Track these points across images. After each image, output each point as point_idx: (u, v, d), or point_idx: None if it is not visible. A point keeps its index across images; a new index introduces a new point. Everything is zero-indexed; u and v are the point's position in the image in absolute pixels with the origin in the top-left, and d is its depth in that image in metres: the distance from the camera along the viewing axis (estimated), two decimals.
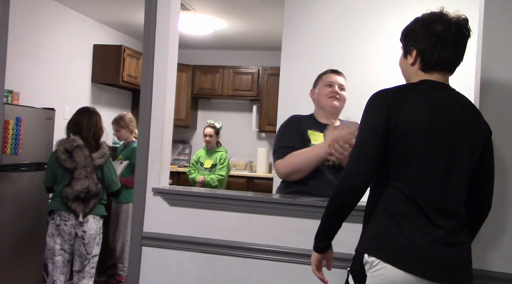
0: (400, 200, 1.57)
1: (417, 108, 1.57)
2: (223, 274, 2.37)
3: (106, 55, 5.54)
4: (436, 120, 1.56)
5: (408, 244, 1.53)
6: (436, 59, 1.61)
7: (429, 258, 1.52)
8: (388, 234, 1.56)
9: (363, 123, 1.62)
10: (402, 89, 1.64)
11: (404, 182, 1.57)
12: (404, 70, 1.73)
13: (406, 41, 1.68)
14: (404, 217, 1.55)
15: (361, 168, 1.57)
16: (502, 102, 2.09)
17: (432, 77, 1.64)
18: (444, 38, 1.60)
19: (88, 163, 3.19)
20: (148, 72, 2.52)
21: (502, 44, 2.10)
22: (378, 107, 1.58)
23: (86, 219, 3.20)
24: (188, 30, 5.44)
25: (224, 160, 5.04)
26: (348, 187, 1.57)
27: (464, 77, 3.42)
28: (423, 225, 1.55)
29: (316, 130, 2.39)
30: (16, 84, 4.14)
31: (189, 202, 2.44)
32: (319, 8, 3.83)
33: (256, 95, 6.45)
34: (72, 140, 3.22)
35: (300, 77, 3.79)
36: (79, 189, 3.14)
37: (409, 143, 1.55)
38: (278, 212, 2.30)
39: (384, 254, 1.54)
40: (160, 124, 2.51)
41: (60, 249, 3.20)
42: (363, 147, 1.59)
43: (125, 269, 4.24)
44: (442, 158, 1.56)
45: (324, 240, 1.69)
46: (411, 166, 1.56)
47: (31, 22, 4.48)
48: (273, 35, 5.53)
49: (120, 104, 6.24)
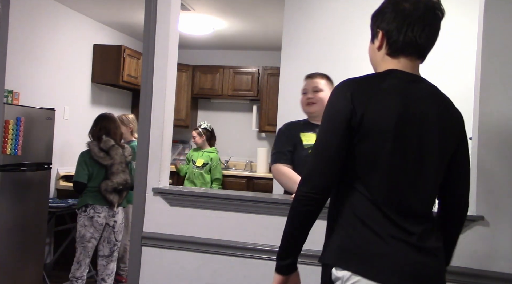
0: (365, 204, 1.38)
1: (384, 104, 1.37)
2: (223, 274, 2.37)
3: (106, 55, 5.54)
4: (404, 119, 1.37)
5: (383, 251, 1.34)
6: (402, 40, 1.42)
7: (405, 265, 1.34)
8: (359, 242, 1.36)
9: (324, 117, 1.44)
10: (369, 80, 1.45)
11: (367, 187, 1.38)
12: (372, 57, 1.54)
13: (371, 24, 1.51)
14: (373, 222, 1.36)
15: (320, 167, 1.38)
16: (502, 102, 2.09)
17: (400, 63, 1.45)
18: (411, 16, 1.40)
19: (122, 159, 3.73)
20: (148, 72, 2.52)
21: (502, 44, 2.10)
22: (342, 100, 1.39)
23: (118, 210, 3.71)
24: (188, 30, 5.44)
25: (216, 163, 5.13)
26: (308, 190, 1.38)
27: (464, 77, 3.44)
28: (394, 230, 1.36)
29: (309, 132, 2.51)
30: (16, 84, 4.14)
31: (189, 202, 2.44)
32: (319, 8, 3.83)
33: (256, 95, 6.45)
34: (108, 141, 3.69)
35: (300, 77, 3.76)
36: (119, 181, 3.64)
37: (373, 143, 1.37)
38: (278, 212, 2.30)
39: (356, 266, 1.34)
40: (160, 124, 2.51)
41: (91, 237, 3.62)
42: (323, 144, 1.41)
43: (126, 269, 4.26)
44: (409, 160, 1.39)
45: (286, 258, 1.45)
46: (375, 169, 1.37)
47: (31, 22, 4.48)
48: (273, 35, 5.53)
49: (120, 104, 6.24)
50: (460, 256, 2.06)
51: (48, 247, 4.74)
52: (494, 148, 2.09)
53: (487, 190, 2.08)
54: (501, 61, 2.10)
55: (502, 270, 2.04)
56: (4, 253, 3.60)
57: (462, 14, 3.53)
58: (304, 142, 2.50)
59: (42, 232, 4.04)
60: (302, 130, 2.54)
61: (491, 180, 2.08)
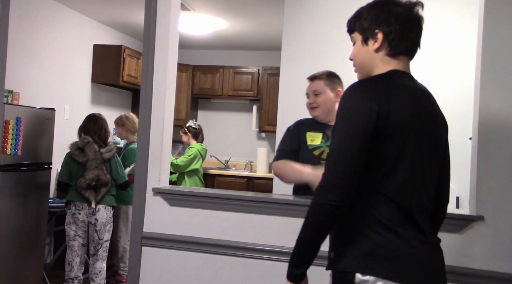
0: (388, 207, 1.38)
1: (401, 103, 1.39)
2: (223, 274, 2.37)
3: (106, 55, 5.53)
4: (418, 117, 1.41)
5: (408, 254, 1.37)
6: (406, 42, 1.46)
7: (428, 265, 1.40)
8: (385, 248, 1.36)
9: (343, 121, 1.39)
10: (380, 80, 1.45)
11: (390, 186, 1.38)
12: (365, 60, 1.51)
13: (364, 26, 1.50)
14: (396, 225, 1.37)
15: (345, 175, 1.34)
16: (502, 102, 2.09)
17: (400, 63, 1.48)
18: (409, 19, 1.46)
19: (97, 156, 3.72)
20: (148, 72, 2.52)
21: (502, 44, 2.10)
22: (365, 102, 1.36)
23: (98, 208, 3.69)
24: (188, 30, 5.44)
25: (190, 154, 5.03)
26: (333, 199, 1.33)
27: (464, 77, 3.44)
28: (414, 231, 1.40)
29: (316, 131, 2.47)
30: (16, 84, 4.14)
31: (189, 202, 2.44)
32: (319, 8, 3.83)
33: (256, 95, 6.45)
34: (83, 138, 3.76)
35: (300, 77, 3.76)
36: (91, 177, 3.65)
37: (396, 143, 1.37)
38: (278, 212, 2.30)
39: (384, 272, 1.34)
40: (160, 124, 2.51)
41: (75, 235, 3.68)
42: (346, 150, 1.35)
43: (126, 269, 4.26)
44: (424, 158, 1.43)
45: (300, 267, 1.43)
46: (399, 167, 1.37)
47: (31, 22, 4.48)
48: (273, 35, 5.53)
49: (120, 104, 6.24)
50: (460, 256, 2.07)
51: (48, 247, 4.74)
52: (494, 148, 2.09)
53: (487, 190, 2.08)
54: (501, 61, 2.10)
55: (502, 270, 2.04)
56: (4, 253, 3.60)
57: (462, 14, 3.53)
58: (308, 142, 2.46)
59: (42, 232, 4.04)
60: (309, 129, 2.50)
61: (491, 180, 2.08)
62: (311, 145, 2.45)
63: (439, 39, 3.55)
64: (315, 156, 2.43)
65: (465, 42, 3.49)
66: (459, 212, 2.35)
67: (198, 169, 5.16)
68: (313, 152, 2.44)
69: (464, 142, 2.75)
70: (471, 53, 2.46)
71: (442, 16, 3.59)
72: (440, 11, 3.58)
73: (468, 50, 3.28)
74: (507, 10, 2.10)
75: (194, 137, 5.27)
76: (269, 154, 6.14)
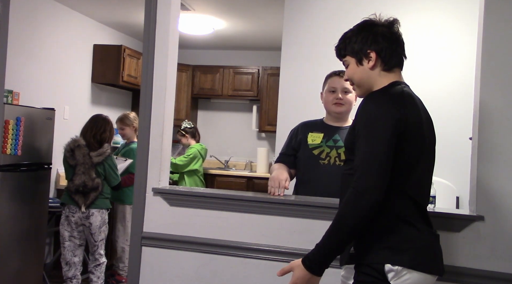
0: (408, 203, 1.58)
1: (414, 108, 1.59)
2: (223, 274, 2.37)
3: (106, 55, 5.53)
4: (425, 120, 1.63)
5: (426, 245, 1.58)
6: (396, 56, 1.66)
7: (438, 254, 1.62)
8: (407, 240, 1.55)
9: (370, 128, 1.53)
10: (390, 90, 1.62)
11: (409, 184, 1.57)
12: (363, 78, 1.67)
13: (356, 49, 1.67)
14: (414, 220, 1.58)
15: (380, 181, 1.48)
16: (502, 102, 2.09)
17: (397, 75, 1.68)
18: (394, 36, 1.67)
19: (86, 160, 3.64)
20: (148, 72, 2.52)
21: (502, 44, 2.10)
22: (389, 109, 1.53)
23: (92, 212, 3.64)
24: (188, 30, 5.44)
25: (189, 153, 5.09)
26: (368, 204, 1.47)
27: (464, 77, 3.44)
28: (427, 224, 1.62)
29: (318, 132, 2.48)
30: (16, 84, 4.13)
31: (189, 202, 2.44)
32: (319, 8, 3.83)
33: (256, 95, 6.45)
34: (75, 141, 3.69)
35: (300, 77, 3.79)
36: (77, 183, 3.61)
37: (414, 144, 1.56)
38: (278, 212, 2.30)
39: (408, 261, 1.52)
40: (160, 124, 2.51)
41: (69, 236, 3.69)
42: (378, 157, 1.49)
43: (125, 269, 4.26)
44: (431, 157, 1.66)
45: (328, 263, 1.55)
46: (417, 166, 1.58)
47: (31, 22, 4.48)
48: (273, 35, 5.53)
49: (120, 104, 6.24)
50: (460, 256, 2.06)
51: (48, 247, 4.73)
52: (494, 148, 2.09)
53: (487, 190, 2.08)
54: (501, 61, 2.10)
55: (502, 270, 2.03)
56: (4, 253, 3.60)
57: (461, 14, 3.53)
58: (309, 142, 2.47)
59: (42, 232, 4.04)
60: (312, 130, 2.50)
61: (491, 180, 2.08)
62: (311, 144, 2.47)
63: (439, 39, 3.54)
64: (315, 155, 2.44)
65: (464, 42, 3.49)
66: (459, 212, 2.35)
67: (198, 169, 5.17)
68: (313, 151, 2.45)
69: (464, 141, 2.75)
70: (471, 53, 2.46)
71: (441, 16, 3.59)
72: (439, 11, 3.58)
73: (468, 50, 3.28)
74: (507, 10, 2.10)
75: (193, 137, 5.29)
76: (269, 154, 6.14)
